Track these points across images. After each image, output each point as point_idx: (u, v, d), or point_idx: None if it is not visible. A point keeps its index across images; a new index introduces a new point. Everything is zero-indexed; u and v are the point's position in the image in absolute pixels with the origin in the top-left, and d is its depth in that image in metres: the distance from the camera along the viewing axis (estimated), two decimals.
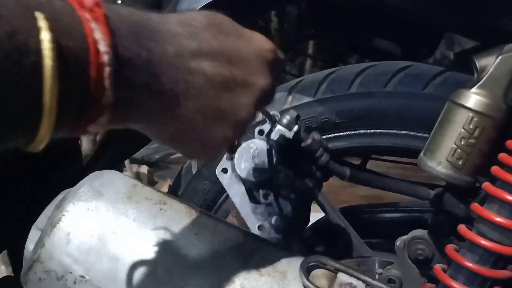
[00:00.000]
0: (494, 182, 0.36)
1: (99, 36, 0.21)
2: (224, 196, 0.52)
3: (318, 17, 0.65)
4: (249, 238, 0.37)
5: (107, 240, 0.34)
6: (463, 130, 0.36)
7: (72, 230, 0.34)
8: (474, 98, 0.36)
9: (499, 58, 0.36)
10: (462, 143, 0.36)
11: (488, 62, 0.36)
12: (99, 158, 0.55)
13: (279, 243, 0.41)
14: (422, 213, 0.59)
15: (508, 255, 0.34)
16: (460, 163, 0.36)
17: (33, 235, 0.36)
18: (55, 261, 0.33)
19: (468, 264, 0.35)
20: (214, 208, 0.52)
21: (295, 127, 0.38)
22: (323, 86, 0.50)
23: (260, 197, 0.39)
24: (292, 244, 0.45)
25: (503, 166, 0.35)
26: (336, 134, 0.50)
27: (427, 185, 0.46)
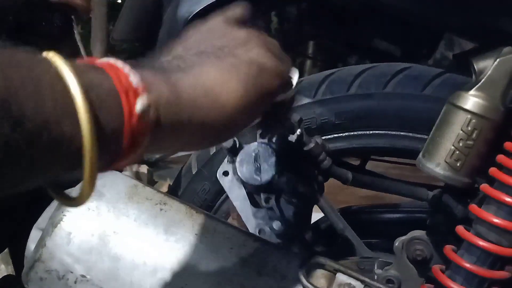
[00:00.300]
0: (492, 183, 0.36)
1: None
2: (223, 196, 0.52)
3: (318, 17, 0.65)
4: (249, 239, 0.37)
5: (108, 240, 0.34)
6: (461, 132, 0.36)
7: (73, 230, 0.34)
8: (472, 100, 0.36)
9: (497, 60, 0.36)
10: (460, 144, 0.36)
11: (486, 65, 0.37)
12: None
13: (279, 244, 0.41)
14: (421, 213, 0.59)
15: (505, 256, 0.35)
16: (458, 164, 0.37)
17: (34, 234, 0.36)
18: (56, 260, 0.33)
19: (466, 265, 0.35)
20: (214, 208, 0.53)
21: (298, 131, 0.38)
22: (323, 87, 0.50)
23: (261, 201, 0.39)
24: (291, 244, 0.46)
25: (501, 167, 0.36)
26: (336, 135, 0.50)
27: (426, 185, 0.46)
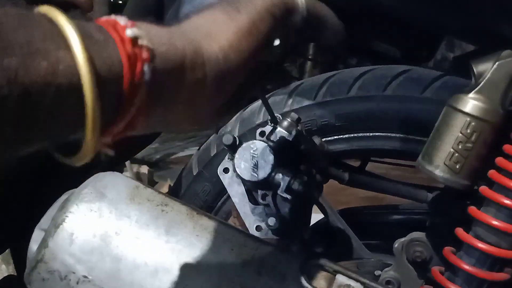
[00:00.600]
0: (491, 185, 0.36)
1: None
2: (224, 197, 0.52)
3: None
4: (249, 240, 0.37)
5: (109, 241, 0.34)
6: (460, 134, 0.37)
7: (75, 231, 0.34)
8: (471, 103, 0.37)
9: (497, 63, 0.37)
10: (460, 147, 0.37)
11: (486, 68, 0.37)
12: (101, 159, 0.56)
13: (279, 245, 0.41)
14: (420, 215, 0.59)
15: (504, 258, 0.35)
16: (457, 167, 0.37)
17: (36, 235, 0.36)
18: (58, 261, 0.34)
19: (465, 267, 0.35)
20: (214, 209, 0.53)
21: (295, 130, 0.38)
22: (323, 89, 0.50)
23: (258, 198, 0.40)
24: (291, 245, 0.46)
25: (500, 170, 0.36)
26: (336, 137, 0.50)
27: (426, 187, 0.47)
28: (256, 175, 0.37)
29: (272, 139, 0.38)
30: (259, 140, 0.38)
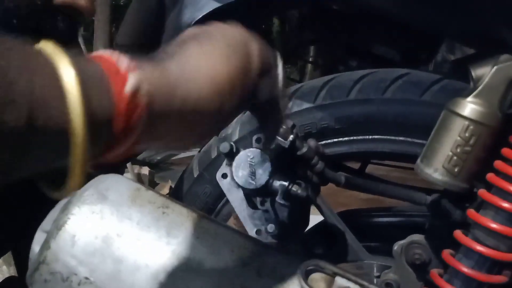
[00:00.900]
0: (490, 189, 0.36)
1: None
2: (224, 199, 0.53)
3: (319, 22, 0.66)
4: (249, 242, 0.38)
5: (111, 243, 0.35)
6: (459, 138, 0.37)
7: (77, 233, 0.35)
8: (470, 107, 0.37)
9: (495, 68, 0.37)
10: (458, 150, 0.37)
11: (484, 72, 0.37)
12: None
13: (279, 247, 0.42)
14: (420, 217, 0.59)
15: (503, 261, 0.35)
16: (456, 170, 0.37)
17: (39, 237, 0.37)
18: (60, 262, 0.34)
19: (464, 269, 0.36)
20: (215, 211, 0.53)
21: (291, 137, 0.39)
22: (323, 92, 0.51)
23: (257, 203, 0.40)
24: (291, 247, 0.46)
25: (498, 173, 0.36)
26: (336, 140, 0.50)
27: (425, 189, 0.47)
28: (254, 183, 0.38)
29: (268, 146, 0.39)
30: (256, 147, 0.39)
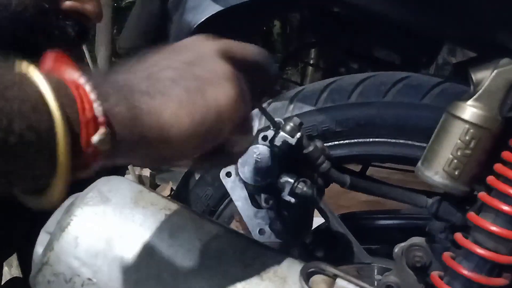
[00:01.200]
0: (490, 191, 0.37)
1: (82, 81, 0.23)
2: (226, 201, 0.53)
3: (319, 25, 0.66)
4: (250, 244, 0.38)
5: (114, 244, 0.35)
6: (459, 141, 0.37)
7: (80, 234, 0.35)
8: (470, 110, 0.37)
9: (495, 72, 0.37)
10: (458, 154, 0.37)
11: (484, 76, 0.37)
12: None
13: (280, 249, 0.42)
14: (421, 220, 0.60)
15: (503, 263, 0.35)
16: (456, 173, 0.37)
17: (42, 238, 0.37)
18: (63, 264, 0.34)
19: (464, 272, 0.36)
20: (216, 213, 0.54)
21: (298, 134, 0.39)
22: (324, 95, 0.51)
23: (261, 201, 0.40)
24: (293, 249, 0.46)
25: (498, 176, 0.36)
26: (336, 142, 0.51)
27: (426, 192, 0.47)
28: (260, 180, 0.38)
29: (275, 143, 0.39)
30: (262, 144, 0.39)
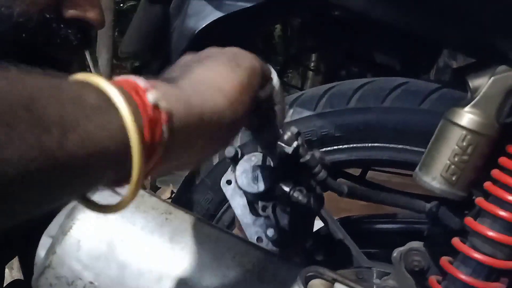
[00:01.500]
0: (487, 197, 0.37)
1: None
2: (225, 206, 0.53)
3: (320, 29, 0.67)
4: (250, 248, 0.38)
5: (115, 248, 0.35)
6: (456, 147, 0.38)
7: (82, 238, 0.35)
8: (467, 117, 0.38)
9: (492, 79, 0.38)
10: (456, 159, 0.38)
11: (481, 82, 0.38)
12: None
13: (280, 253, 0.42)
14: (419, 224, 0.60)
15: (500, 268, 0.36)
16: (453, 178, 0.38)
17: (44, 241, 0.37)
18: (65, 267, 0.35)
19: (462, 276, 0.36)
20: (216, 218, 0.54)
21: (295, 143, 0.39)
22: (323, 100, 0.52)
23: (259, 209, 0.41)
24: (292, 253, 0.47)
25: (496, 182, 0.37)
26: (336, 147, 0.51)
27: (424, 196, 0.47)
28: (257, 187, 0.38)
29: (272, 152, 0.39)
30: (260, 152, 0.39)
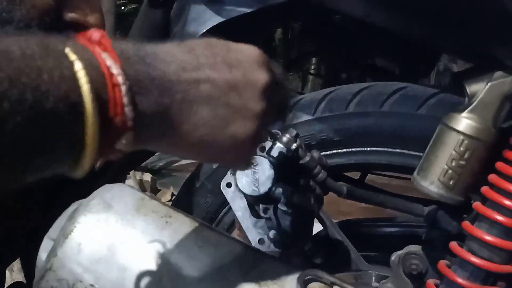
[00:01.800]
0: (485, 202, 0.37)
1: (110, 62, 0.23)
2: (225, 209, 0.54)
3: (319, 34, 0.68)
4: (249, 251, 0.39)
5: (115, 251, 0.36)
6: (454, 152, 0.38)
7: (83, 241, 0.36)
8: (464, 122, 0.38)
9: (489, 84, 0.38)
10: (453, 164, 0.38)
11: (478, 88, 0.38)
12: (107, 169, 0.58)
13: (279, 256, 0.43)
14: (418, 228, 0.60)
15: (497, 272, 0.36)
16: (451, 183, 0.38)
17: (45, 244, 0.38)
18: (66, 270, 0.35)
19: (459, 280, 0.36)
20: (216, 221, 0.54)
21: (294, 145, 0.40)
22: (322, 105, 0.52)
23: (260, 211, 0.41)
24: (291, 256, 0.47)
25: (493, 186, 0.37)
26: (334, 151, 0.52)
27: (423, 200, 0.48)
28: (257, 190, 0.39)
29: (272, 154, 0.40)
30: (260, 155, 0.40)
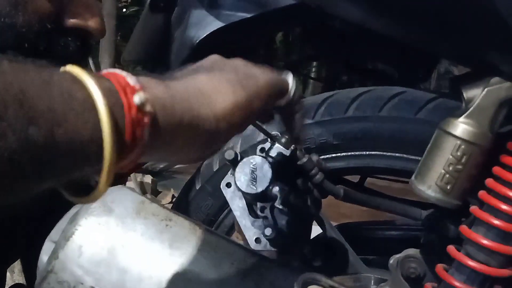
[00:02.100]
0: (482, 206, 0.38)
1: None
2: (225, 212, 0.54)
3: (320, 39, 0.68)
4: (248, 254, 0.39)
5: (116, 253, 0.36)
6: (451, 156, 0.38)
7: (84, 243, 0.36)
8: (461, 127, 0.38)
9: (486, 90, 0.38)
10: (450, 169, 0.38)
11: (475, 93, 0.39)
12: None
13: (278, 260, 0.43)
14: (417, 231, 0.61)
15: (493, 276, 0.36)
16: (448, 187, 0.38)
17: (47, 247, 0.38)
18: (67, 272, 0.35)
19: (456, 284, 0.37)
20: (216, 223, 0.55)
21: (292, 146, 0.40)
22: (322, 109, 0.53)
23: (257, 210, 0.42)
24: (290, 259, 0.47)
25: (490, 191, 0.37)
26: (334, 155, 0.52)
27: (421, 204, 0.48)
28: (255, 188, 0.39)
29: (271, 155, 0.41)
30: (259, 155, 0.41)
